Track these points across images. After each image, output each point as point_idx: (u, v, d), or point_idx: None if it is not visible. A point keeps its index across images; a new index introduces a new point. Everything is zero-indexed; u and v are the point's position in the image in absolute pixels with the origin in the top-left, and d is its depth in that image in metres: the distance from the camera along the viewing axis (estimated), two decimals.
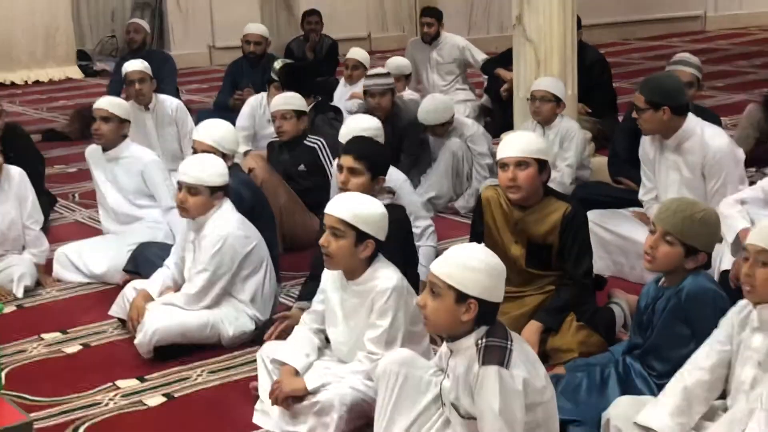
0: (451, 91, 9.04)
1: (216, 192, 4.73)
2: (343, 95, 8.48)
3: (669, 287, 3.84)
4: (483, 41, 11.27)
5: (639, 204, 5.64)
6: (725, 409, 3.44)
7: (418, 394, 3.44)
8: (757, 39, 14.21)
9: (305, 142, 6.32)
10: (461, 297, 3.18)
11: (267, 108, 7.29)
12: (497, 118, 8.31)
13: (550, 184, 4.85)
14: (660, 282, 3.88)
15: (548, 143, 6.54)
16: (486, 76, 9.17)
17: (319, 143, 6.29)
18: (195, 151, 5.20)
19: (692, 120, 5.33)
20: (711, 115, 6.06)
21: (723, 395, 3.47)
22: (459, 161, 6.98)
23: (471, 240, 4.73)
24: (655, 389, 3.68)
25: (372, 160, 4.69)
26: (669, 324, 3.81)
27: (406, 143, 7.03)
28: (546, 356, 4.35)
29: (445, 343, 3.33)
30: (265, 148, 6.89)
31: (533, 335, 4.38)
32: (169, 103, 7.52)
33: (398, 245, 4.35)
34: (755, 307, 3.30)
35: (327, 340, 4.22)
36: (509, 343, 3.22)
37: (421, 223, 5.50)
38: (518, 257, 4.63)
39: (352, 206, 3.95)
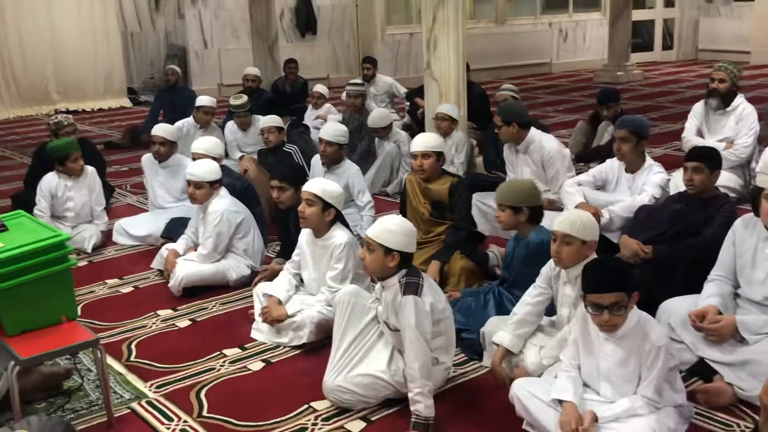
0: None
1: (214, 184, 4.70)
2: (310, 116, 8.42)
3: (521, 239, 3.88)
4: (405, 80, 11.22)
5: None
6: (551, 324, 3.57)
7: (362, 315, 3.43)
8: (585, 78, 14.35)
9: (284, 149, 6.25)
10: (387, 251, 3.19)
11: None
12: (415, 131, 8.26)
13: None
14: (516, 236, 3.92)
15: (447, 147, 6.58)
16: (408, 103, 9.12)
17: (294, 149, 6.23)
18: (194, 159, 5.15)
19: (533, 131, 5.40)
20: (544, 127, 6.15)
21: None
22: (393, 158, 6.95)
23: (401, 210, 4.82)
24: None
25: (293, 180, 4.56)
26: (522, 265, 3.86)
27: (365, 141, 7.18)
28: (445, 281, 4.41)
29: (378, 281, 3.32)
30: (255, 153, 6.80)
31: (434, 271, 4.41)
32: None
33: None
34: (564, 269, 3.35)
35: (302, 280, 4.20)
36: (421, 279, 3.23)
37: (365, 199, 5.48)
38: (425, 212, 4.74)
39: (321, 185, 3.98)
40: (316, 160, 5.79)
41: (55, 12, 12.46)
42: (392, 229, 3.21)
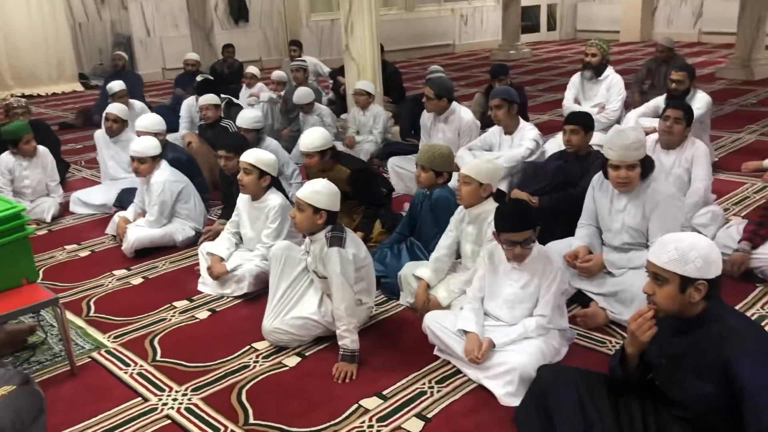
0: None
1: (155, 158, 4.55)
2: (244, 95, 8.19)
3: (427, 195, 3.90)
4: (329, 61, 11.04)
5: None
6: (458, 265, 3.61)
7: (294, 267, 3.39)
8: (483, 56, 14.41)
9: (221, 124, 6.08)
10: (316, 210, 3.15)
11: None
12: (338, 105, 8.17)
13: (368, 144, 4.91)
14: (425, 192, 3.94)
15: (366, 119, 6.54)
16: (331, 81, 8.98)
17: (230, 123, 6.05)
18: (138, 135, 4.97)
19: (455, 104, 5.38)
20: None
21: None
22: None
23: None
24: (426, 256, 3.74)
25: (238, 149, 4.36)
26: (427, 217, 3.88)
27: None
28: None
29: (308, 236, 3.29)
30: (198, 129, 6.57)
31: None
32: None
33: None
34: (466, 209, 3.38)
35: (241, 239, 4.13)
36: (344, 234, 3.21)
37: (290, 169, 5.40)
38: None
39: (256, 155, 3.88)
40: None
41: (5, 6, 11.76)
42: (319, 190, 3.17)
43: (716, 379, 2.06)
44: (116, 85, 6.85)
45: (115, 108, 5.71)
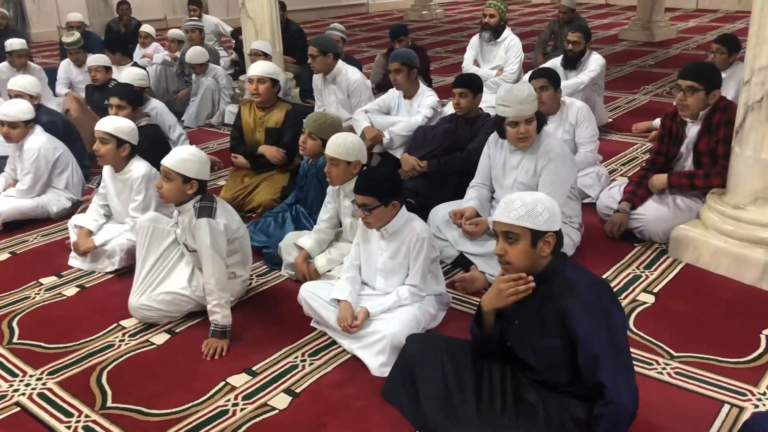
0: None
1: (28, 123, 4.20)
2: (138, 56, 7.73)
3: (312, 164, 3.77)
4: (235, 21, 10.61)
5: None
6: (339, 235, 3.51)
7: (162, 239, 3.20)
8: (396, 17, 14.20)
9: (110, 85, 5.71)
10: (186, 179, 2.97)
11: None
12: (241, 65, 7.85)
13: None
14: (310, 161, 3.80)
15: None
16: (234, 41, 8.62)
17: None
18: (11, 96, 4.57)
19: (341, 63, 5.22)
20: (355, 62, 5.97)
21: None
22: (213, 92, 6.53)
23: (234, 139, 4.56)
24: (311, 225, 3.62)
25: (132, 99, 4.29)
26: (313, 186, 3.75)
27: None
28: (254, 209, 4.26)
29: (176, 207, 3.10)
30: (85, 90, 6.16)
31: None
32: None
33: (155, 149, 4.01)
34: (341, 185, 3.29)
35: (111, 211, 3.88)
36: (214, 203, 3.05)
37: (176, 133, 5.13)
38: (260, 139, 4.46)
39: (112, 122, 3.63)
40: None
41: None
42: (188, 158, 2.97)
43: (558, 332, 2.10)
44: (16, 43, 6.28)
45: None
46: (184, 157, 2.97)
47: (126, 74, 4.97)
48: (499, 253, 2.20)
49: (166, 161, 2.97)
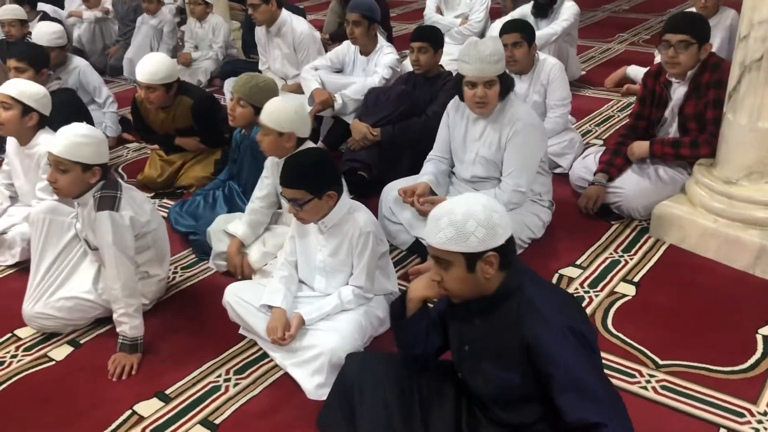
0: None
1: None
2: (65, 13, 6.84)
3: (244, 135, 3.25)
4: None
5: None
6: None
7: (62, 233, 2.69)
8: None
9: (25, 40, 5.04)
10: (86, 167, 2.45)
11: None
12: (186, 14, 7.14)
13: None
14: (242, 131, 3.28)
15: (204, 33, 5.66)
16: None
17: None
18: None
19: (285, 13, 4.62)
20: (299, 10, 5.37)
21: None
22: (150, 40, 5.83)
23: (136, 124, 3.94)
24: (245, 204, 3.09)
25: (34, 60, 3.68)
26: (247, 160, 3.25)
27: None
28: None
29: (74, 199, 2.57)
30: None
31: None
32: None
33: (68, 117, 3.41)
34: (280, 158, 2.75)
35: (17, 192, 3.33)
36: (119, 192, 2.53)
37: (103, 95, 4.48)
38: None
39: (18, 85, 3.05)
40: None
41: None
42: (82, 141, 2.43)
43: (518, 364, 1.69)
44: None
45: None
46: (76, 141, 2.42)
47: (37, 33, 4.31)
48: (434, 280, 1.76)
49: (55, 149, 2.42)
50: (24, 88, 3.03)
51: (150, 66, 3.43)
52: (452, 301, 1.82)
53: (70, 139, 2.42)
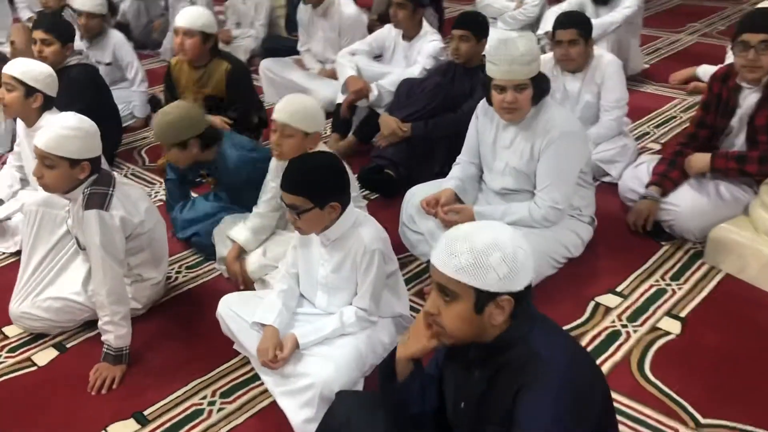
0: None
1: None
2: None
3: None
4: None
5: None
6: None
7: (54, 228, 2.54)
8: None
9: (63, 13, 4.92)
10: (74, 162, 2.26)
11: None
12: None
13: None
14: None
15: (246, 9, 5.43)
16: None
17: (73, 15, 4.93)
18: None
19: None
20: None
21: None
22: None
23: (166, 95, 3.76)
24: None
25: (61, 33, 3.52)
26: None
27: None
28: None
29: (62, 195, 2.39)
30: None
31: None
32: None
33: (82, 95, 3.34)
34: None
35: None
36: (111, 189, 2.33)
37: (133, 72, 4.31)
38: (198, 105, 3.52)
39: (23, 65, 2.87)
40: None
41: None
42: (68, 134, 2.23)
43: (507, 417, 1.40)
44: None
45: None
46: (63, 134, 2.22)
47: (82, 1, 4.19)
48: (429, 312, 1.47)
49: (40, 143, 2.23)
50: (28, 68, 2.86)
51: (190, 11, 3.49)
52: (445, 342, 1.53)
53: (57, 132, 2.22)
